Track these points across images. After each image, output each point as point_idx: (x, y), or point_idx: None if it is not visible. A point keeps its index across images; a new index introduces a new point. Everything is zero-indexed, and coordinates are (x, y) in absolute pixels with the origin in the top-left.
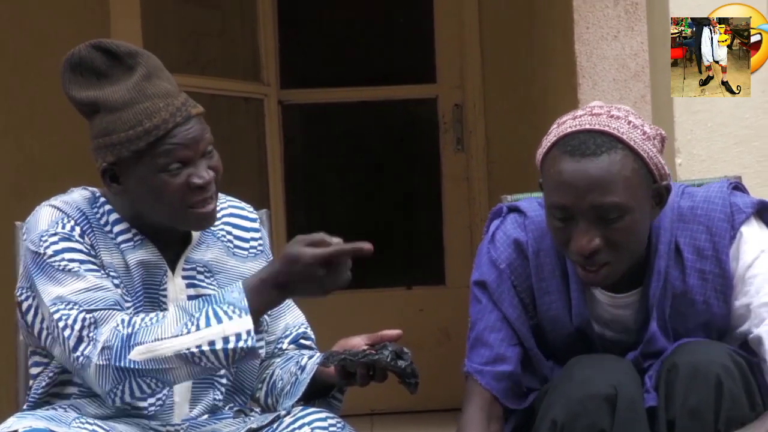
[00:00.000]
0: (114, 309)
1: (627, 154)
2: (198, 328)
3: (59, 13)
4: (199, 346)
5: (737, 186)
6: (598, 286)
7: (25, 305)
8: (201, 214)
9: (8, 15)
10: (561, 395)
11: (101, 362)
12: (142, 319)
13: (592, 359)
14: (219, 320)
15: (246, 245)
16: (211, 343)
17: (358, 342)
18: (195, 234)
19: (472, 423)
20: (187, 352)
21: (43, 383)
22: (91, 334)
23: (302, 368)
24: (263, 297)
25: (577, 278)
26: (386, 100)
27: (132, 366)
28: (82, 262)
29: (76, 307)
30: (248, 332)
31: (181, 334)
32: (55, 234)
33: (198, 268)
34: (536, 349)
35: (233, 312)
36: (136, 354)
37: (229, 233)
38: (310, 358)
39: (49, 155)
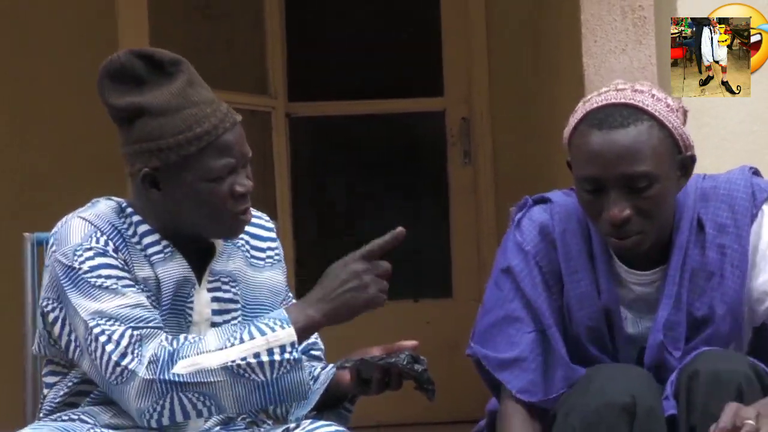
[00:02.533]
0: (158, 328)
1: (653, 124)
2: (242, 341)
3: (66, 25)
4: (244, 358)
5: (756, 172)
6: (628, 252)
7: (51, 316)
8: (243, 222)
9: (14, 27)
10: (579, 403)
11: (147, 376)
12: (185, 338)
13: (611, 368)
14: (262, 333)
15: (263, 255)
16: (257, 355)
17: (372, 352)
18: (218, 245)
19: (515, 414)
20: (232, 364)
21: (62, 392)
22: (136, 351)
23: (315, 378)
24: (305, 312)
25: (604, 257)
26: (393, 113)
27: (177, 379)
28: (119, 278)
29: (118, 323)
30: (292, 344)
31: (226, 347)
32: (90, 249)
33: (222, 279)
34: (554, 327)
35: (275, 324)
36: (181, 367)
37: (247, 242)
38: (323, 368)
39: (53, 166)
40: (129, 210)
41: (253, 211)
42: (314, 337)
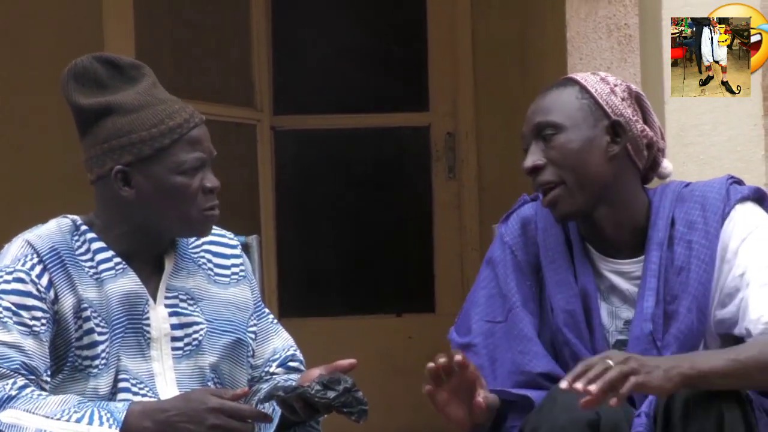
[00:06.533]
0: (18, 372)
1: (577, 89)
2: (69, 420)
3: (53, 36)
4: None
5: (738, 182)
6: (552, 208)
7: None
8: (212, 217)
9: (4, 39)
10: (546, 420)
11: None
12: (32, 390)
13: None
14: (90, 422)
15: (227, 272)
16: None
17: (315, 374)
18: (169, 261)
19: None
20: None
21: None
22: None
23: None
24: (141, 423)
25: (579, 246)
26: (379, 128)
27: None
28: (18, 311)
29: None
30: None
31: (53, 418)
32: (12, 272)
33: (180, 296)
34: (520, 307)
35: (106, 420)
36: (5, 416)
37: (209, 261)
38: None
39: (39, 177)
40: (84, 228)
41: (217, 229)
42: (293, 349)
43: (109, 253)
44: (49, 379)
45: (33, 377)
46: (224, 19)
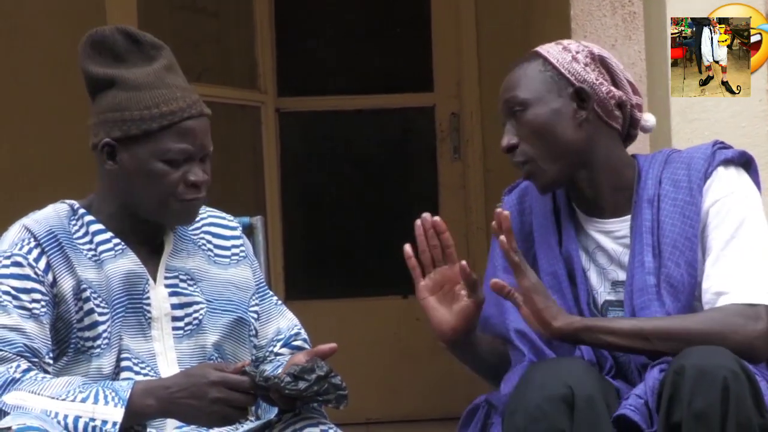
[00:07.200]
0: (21, 355)
1: (540, 62)
2: (74, 400)
3: (56, 19)
4: (66, 416)
5: (725, 146)
6: (529, 180)
7: None
8: (191, 208)
9: (5, 24)
10: (521, 401)
11: None
12: (36, 373)
13: (549, 363)
14: (96, 401)
15: (227, 252)
16: (76, 418)
17: (300, 359)
18: (169, 242)
19: None
20: (51, 413)
21: None
22: None
23: None
24: (144, 401)
25: (567, 209)
26: (383, 109)
27: (1, 407)
28: (17, 294)
29: None
30: (114, 423)
31: (58, 398)
32: (9, 256)
33: (180, 276)
34: (501, 271)
35: (111, 399)
36: (10, 397)
37: (209, 242)
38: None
39: (45, 162)
40: (81, 211)
41: (216, 212)
42: (297, 328)
43: (108, 235)
44: (51, 362)
45: (36, 360)
46: (226, 1)
